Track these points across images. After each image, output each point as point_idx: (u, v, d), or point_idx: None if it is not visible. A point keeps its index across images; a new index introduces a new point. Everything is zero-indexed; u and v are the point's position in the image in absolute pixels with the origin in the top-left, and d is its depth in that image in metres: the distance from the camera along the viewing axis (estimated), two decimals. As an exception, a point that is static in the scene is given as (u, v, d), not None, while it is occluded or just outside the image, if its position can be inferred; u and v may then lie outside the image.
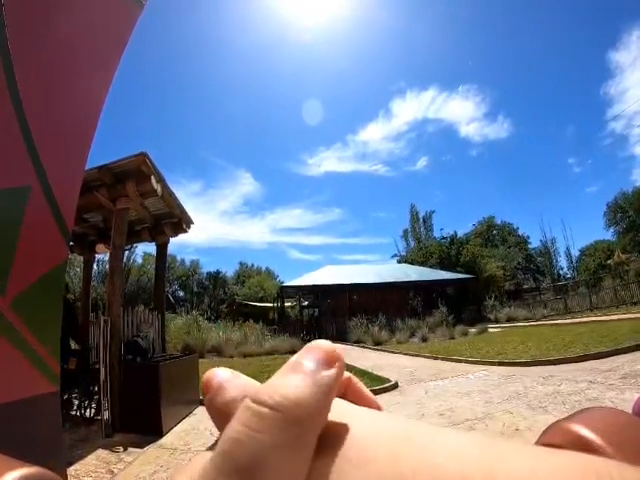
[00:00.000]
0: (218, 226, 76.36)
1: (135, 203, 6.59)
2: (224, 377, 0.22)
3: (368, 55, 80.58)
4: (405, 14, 73.42)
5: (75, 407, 5.98)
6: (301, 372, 0.19)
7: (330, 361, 0.20)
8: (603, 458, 0.16)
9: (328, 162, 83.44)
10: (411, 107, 77.80)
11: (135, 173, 6.21)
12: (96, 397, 5.75)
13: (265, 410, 0.17)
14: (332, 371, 0.20)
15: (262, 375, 8.98)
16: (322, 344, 0.21)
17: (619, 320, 13.42)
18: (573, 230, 76.14)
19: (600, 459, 0.17)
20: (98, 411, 5.51)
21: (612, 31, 64.38)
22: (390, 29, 77.38)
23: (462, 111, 75.68)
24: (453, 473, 0.16)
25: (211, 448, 0.20)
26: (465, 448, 0.17)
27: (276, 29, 78.98)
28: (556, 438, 0.27)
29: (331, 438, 0.19)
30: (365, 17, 74.56)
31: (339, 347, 0.21)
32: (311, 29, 73.37)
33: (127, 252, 8.73)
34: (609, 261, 33.06)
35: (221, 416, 0.21)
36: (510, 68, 74.67)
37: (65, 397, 5.76)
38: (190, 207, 8.32)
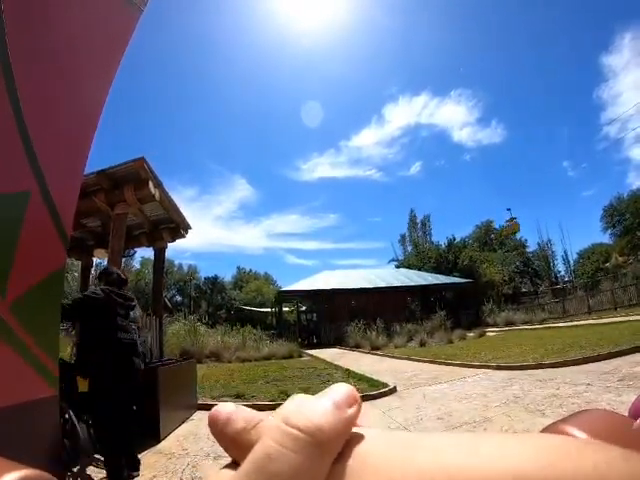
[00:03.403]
0: (214, 231, 76.47)
1: (133, 208, 6.59)
2: (230, 410, 0.26)
3: (360, 61, 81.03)
4: (397, 19, 73.94)
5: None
6: (328, 405, 0.23)
7: (351, 402, 0.24)
8: (574, 438, 0.20)
9: (322, 168, 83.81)
10: (404, 112, 78.33)
11: (133, 178, 6.22)
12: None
13: (295, 432, 0.21)
14: (352, 410, 0.24)
15: (260, 379, 8.97)
16: (346, 387, 0.25)
17: (617, 322, 13.45)
18: (570, 234, 76.49)
19: (570, 440, 0.20)
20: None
21: (605, 35, 64.99)
22: (382, 35, 77.96)
23: (455, 116, 76.08)
24: (434, 469, 0.19)
25: (226, 467, 0.24)
26: (445, 446, 0.20)
27: (269, 38, 79.15)
28: None
29: (341, 456, 0.22)
30: (358, 23, 75.19)
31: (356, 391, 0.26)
32: (306, 35, 73.61)
33: (125, 258, 8.73)
34: (607, 264, 33.21)
35: (233, 444, 0.24)
36: (502, 73, 75.21)
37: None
38: (186, 212, 8.34)
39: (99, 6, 2.63)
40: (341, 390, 0.25)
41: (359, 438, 0.23)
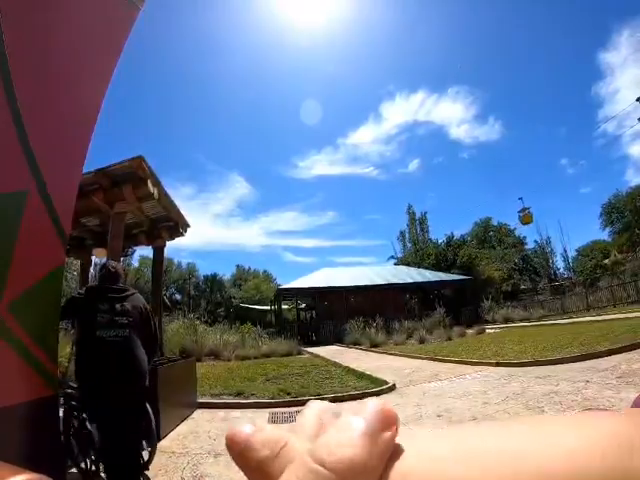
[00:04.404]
0: (212, 229, 76.34)
1: (132, 207, 6.58)
2: (248, 432, 0.23)
3: (357, 59, 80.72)
4: (393, 17, 73.73)
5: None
6: (359, 432, 0.20)
7: (388, 423, 0.21)
8: (627, 421, 0.19)
9: (320, 165, 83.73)
10: (401, 110, 77.95)
11: (132, 177, 6.21)
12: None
13: (321, 469, 0.19)
14: (389, 434, 0.21)
15: (259, 377, 8.97)
16: (382, 403, 0.22)
17: (616, 319, 13.47)
18: (570, 231, 76.58)
19: (624, 422, 0.19)
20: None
21: (602, 32, 64.82)
22: (379, 32, 77.65)
23: (452, 113, 75.84)
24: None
25: None
26: (492, 458, 0.18)
27: (267, 36, 78.84)
28: None
29: None
30: (353, 21, 74.81)
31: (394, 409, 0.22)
32: (303, 33, 73.33)
33: (124, 257, 8.69)
34: (605, 261, 33.23)
35: (253, 471, 0.22)
36: (500, 70, 75.08)
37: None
38: (184, 211, 8.34)
39: (97, 4, 2.62)
40: (375, 410, 0.22)
41: (397, 456, 0.21)
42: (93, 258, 9.34)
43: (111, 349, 3.16)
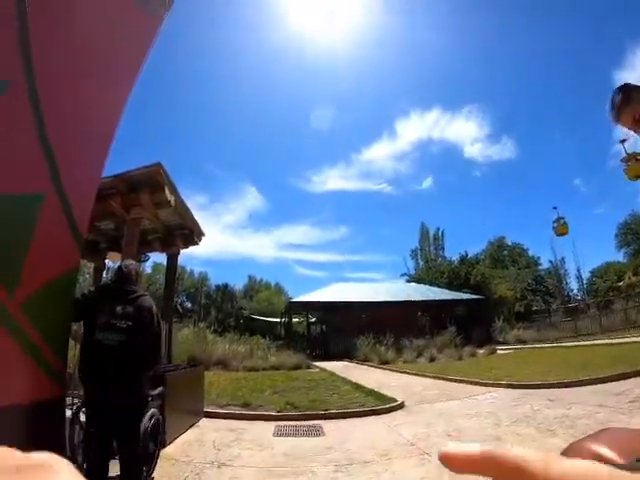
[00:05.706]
0: (223, 239, 76.14)
1: (148, 213, 6.65)
2: None
3: (372, 75, 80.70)
4: (408, 34, 73.52)
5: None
6: None
7: None
8: None
9: (333, 180, 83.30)
10: (415, 127, 77.37)
11: (150, 183, 6.28)
12: None
13: None
14: None
15: (267, 389, 8.93)
16: None
17: (629, 343, 13.20)
18: (584, 252, 75.48)
19: None
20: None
21: (617, 51, 64.22)
22: (394, 49, 77.82)
23: (466, 131, 75.22)
24: None
25: None
26: None
27: (281, 50, 79.65)
28: (576, 458, 0.27)
29: None
30: (369, 37, 75.04)
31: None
32: (319, 48, 73.86)
33: (139, 263, 8.70)
34: (620, 283, 32.66)
35: None
36: (514, 89, 74.16)
37: None
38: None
39: (122, 14, 2.68)
40: None
41: None
42: (107, 262, 9.43)
43: (106, 353, 3.05)
